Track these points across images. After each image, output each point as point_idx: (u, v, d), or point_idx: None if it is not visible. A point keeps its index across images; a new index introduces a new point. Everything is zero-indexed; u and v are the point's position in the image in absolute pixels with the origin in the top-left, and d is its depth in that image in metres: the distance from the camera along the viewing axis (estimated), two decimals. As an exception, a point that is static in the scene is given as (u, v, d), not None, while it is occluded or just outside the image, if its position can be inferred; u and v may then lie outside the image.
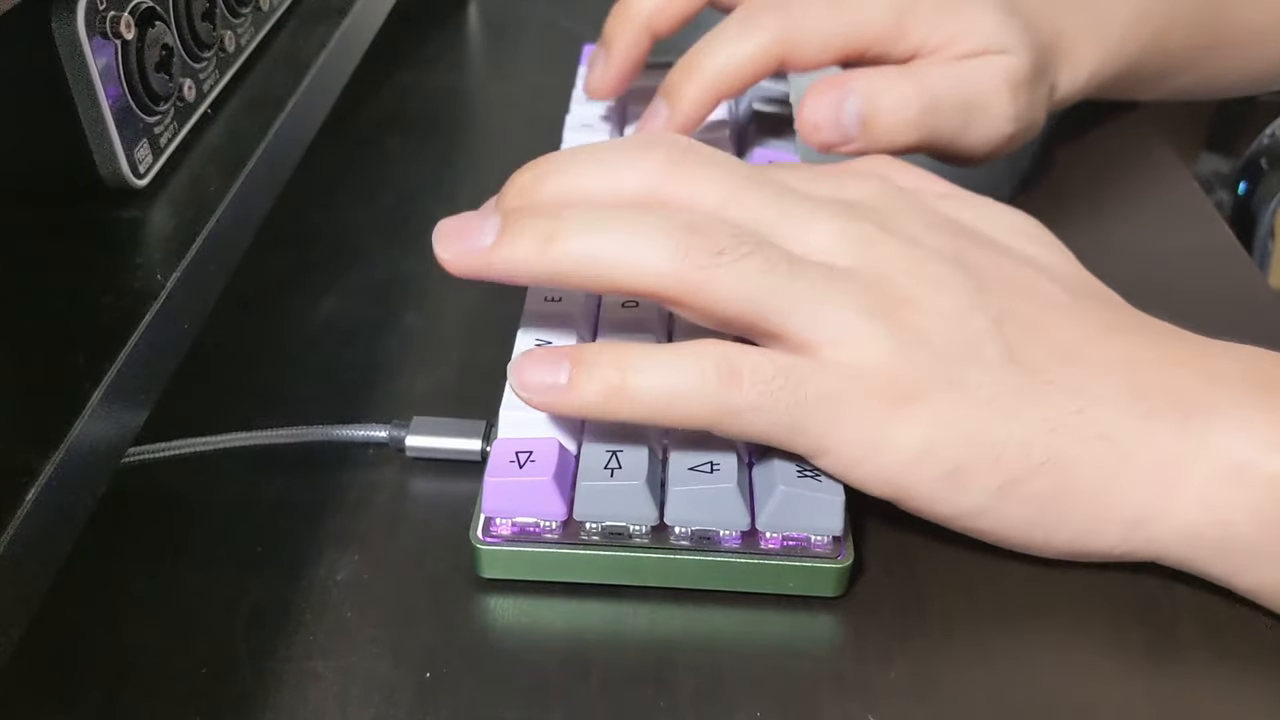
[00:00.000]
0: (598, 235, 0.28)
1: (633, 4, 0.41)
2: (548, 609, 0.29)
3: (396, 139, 0.50)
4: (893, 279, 0.29)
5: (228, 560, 0.31)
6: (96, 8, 0.27)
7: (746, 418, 0.27)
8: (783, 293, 0.28)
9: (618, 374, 0.28)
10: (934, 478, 0.28)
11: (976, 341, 0.28)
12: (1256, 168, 0.67)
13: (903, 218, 0.31)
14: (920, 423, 0.28)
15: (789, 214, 0.30)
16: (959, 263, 0.30)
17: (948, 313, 0.29)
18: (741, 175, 0.30)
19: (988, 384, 0.28)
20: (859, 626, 0.29)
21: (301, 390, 0.36)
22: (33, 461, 0.22)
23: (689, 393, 0.27)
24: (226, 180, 0.31)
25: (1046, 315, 0.30)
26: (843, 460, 0.28)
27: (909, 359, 0.28)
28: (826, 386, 0.28)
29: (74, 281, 0.27)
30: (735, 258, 0.28)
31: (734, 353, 0.28)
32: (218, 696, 0.27)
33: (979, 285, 0.29)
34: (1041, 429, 0.28)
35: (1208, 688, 0.28)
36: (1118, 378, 0.29)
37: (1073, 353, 0.29)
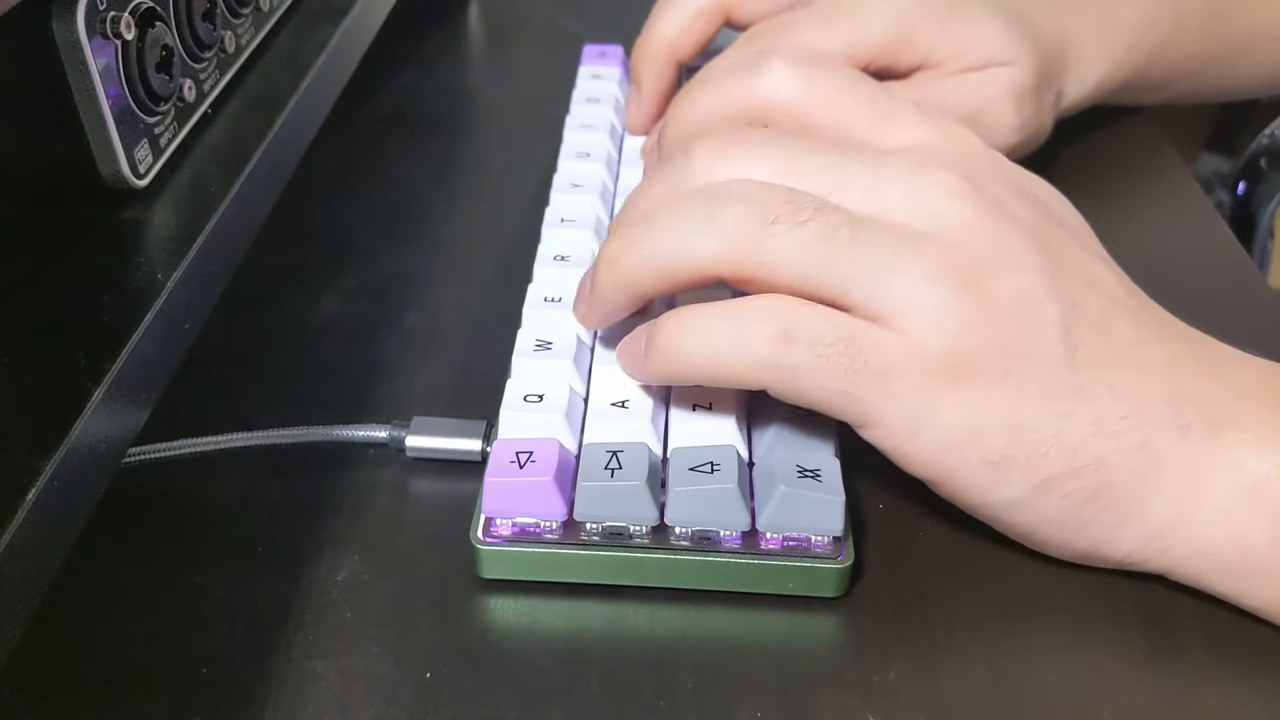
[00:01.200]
0: (652, 237, 0.28)
1: (653, 38, 0.42)
2: (548, 609, 0.29)
3: (396, 139, 0.50)
4: (971, 245, 0.28)
5: (228, 560, 0.31)
6: (97, 8, 0.27)
7: (801, 379, 0.27)
8: (843, 261, 0.27)
9: (677, 335, 0.28)
10: (978, 465, 0.27)
11: (1043, 330, 0.27)
12: (1256, 168, 0.67)
13: (989, 175, 0.30)
14: (973, 408, 0.27)
15: (861, 172, 0.29)
16: (1039, 239, 0.29)
17: (1021, 293, 0.27)
18: (795, 146, 0.29)
19: (1045, 379, 0.27)
20: (859, 626, 0.29)
21: (301, 390, 0.36)
22: (33, 461, 0.22)
23: (743, 353, 0.27)
24: (227, 180, 0.31)
25: (1109, 310, 0.29)
26: (891, 435, 0.28)
27: (973, 339, 0.27)
28: (885, 357, 0.27)
29: (74, 281, 0.27)
30: (790, 225, 0.27)
31: (793, 312, 0.27)
32: (218, 696, 0.27)
33: (1054, 267, 0.28)
34: (1090, 431, 0.27)
35: (1209, 688, 0.28)
36: (1162, 386, 0.28)
37: (1127, 354, 0.28)
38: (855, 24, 0.39)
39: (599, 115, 0.44)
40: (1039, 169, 0.42)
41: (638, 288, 0.29)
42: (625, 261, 0.29)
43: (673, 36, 0.42)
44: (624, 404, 0.31)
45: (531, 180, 0.46)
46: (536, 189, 0.44)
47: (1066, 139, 0.48)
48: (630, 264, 0.29)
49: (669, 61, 0.42)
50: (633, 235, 0.29)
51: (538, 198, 0.41)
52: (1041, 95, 0.41)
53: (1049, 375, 0.27)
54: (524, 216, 0.44)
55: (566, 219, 0.38)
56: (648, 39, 0.42)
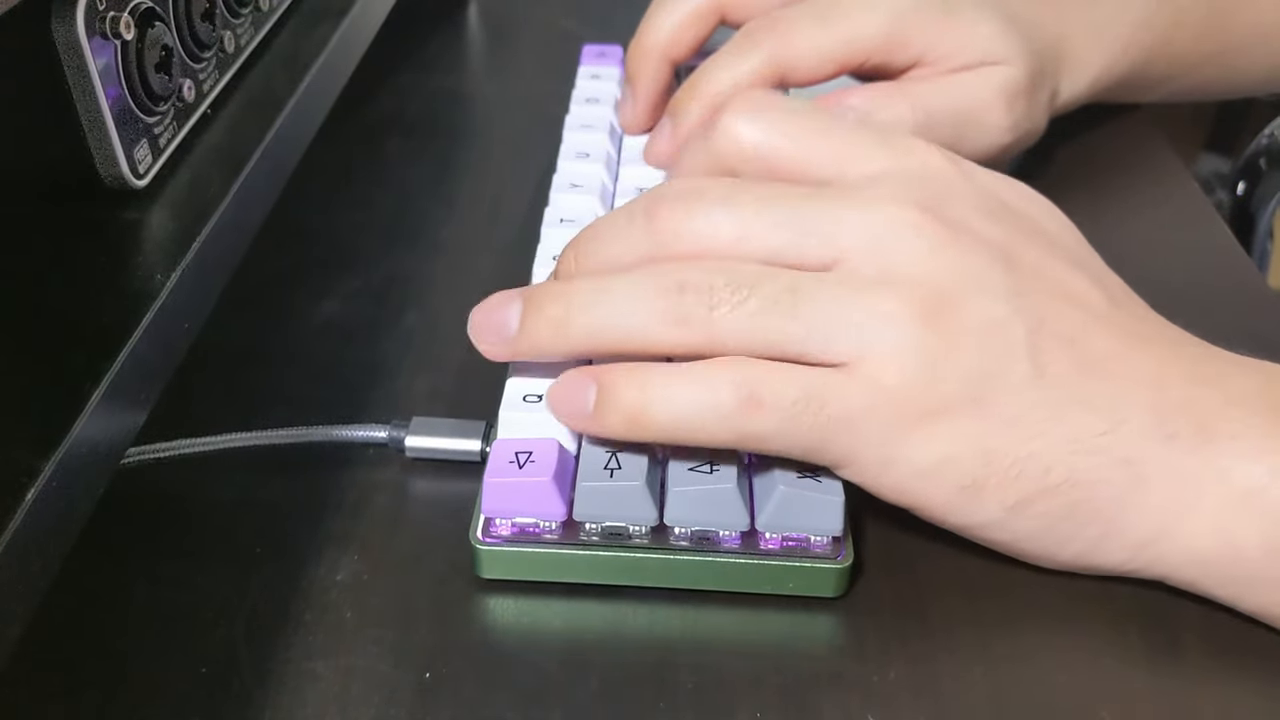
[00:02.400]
0: (599, 311, 0.29)
1: (647, 38, 0.42)
2: (548, 609, 0.29)
3: (396, 139, 0.50)
4: (932, 276, 0.28)
5: (228, 560, 0.31)
6: (96, 8, 0.27)
7: (769, 441, 0.27)
8: (790, 325, 0.27)
9: (639, 400, 0.28)
10: (950, 491, 0.28)
11: (1010, 353, 0.27)
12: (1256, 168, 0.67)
13: (955, 196, 0.30)
14: (942, 438, 0.27)
15: (810, 227, 0.29)
16: (1006, 257, 0.29)
17: (985, 317, 0.28)
18: (752, 203, 0.29)
19: (1014, 403, 0.27)
20: (859, 626, 0.29)
21: (301, 390, 0.36)
22: (33, 461, 0.22)
23: (708, 419, 0.27)
24: (226, 180, 0.31)
25: (1083, 324, 0.29)
26: (863, 472, 0.28)
27: (936, 373, 0.27)
28: (850, 406, 0.27)
29: (74, 281, 0.27)
30: (731, 306, 0.27)
31: (755, 376, 0.27)
32: (218, 696, 0.27)
33: (1021, 285, 0.28)
34: (1064, 449, 0.27)
35: (1208, 689, 0.28)
36: (1144, 396, 0.28)
37: (1103, 366, 0.28)
38: (850, 23, 0.39)
39: (598, 115, 0.44)
40: (1039, 170, 0.42)
41: (576, 351, 0.30)
42: (572, 329, 0.29)
43: (668, 37, 0.42)
44: (624, 404, 0.31)
45: (531, 180, 0.46)
46: (536, 189, 0.44)
47: (1066, 139, 0.48)
48: (577, 332, 0.29)
49: (664, 62, 0.42)
50: (582, 304, 0.29)
51: (537, 198, 0.41)
52: (1035, 94, 0.41)
53: (1018, 398, 0.27)
54: (524, 217, 0.44)
55: (566, 219, 0.38)
56: (642, 39, 0.42)
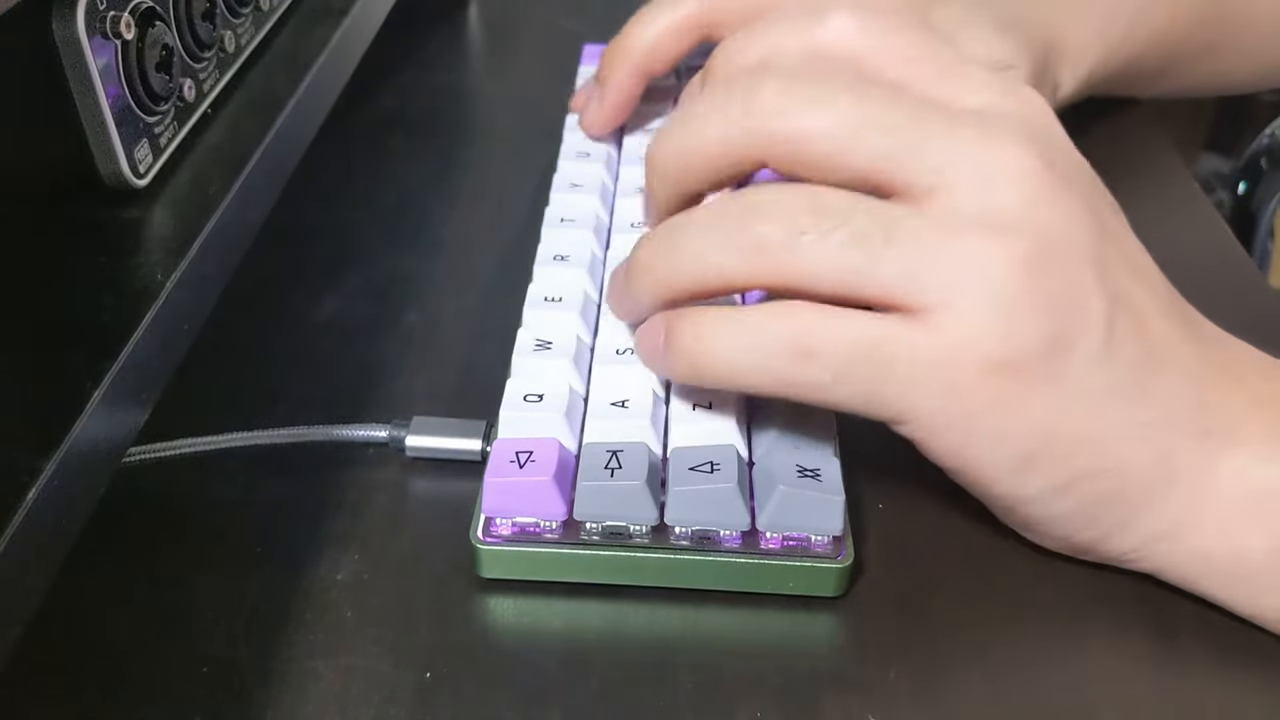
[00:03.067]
0: (677, 251, 0.28)
1: (627, 45, 0.41)
2: (548, 609, 0.29)
3: (396, 139, 0.50)
4: (1033, 225, 0.26)
5: (228, 560, 0.31)
6: (96, 8, 0.27)
7: (825, 392, 0.27)
8: (875, 266, 0.26)
9: (695, 345, 0.28)
10: (1003, 460, 0.27)
11: (1087, 325, 0.26)
12: (1256, 168, 0.67)
13: (1057, 147, 0.28)
14: (1008, 403, 0.26)
15: (923, 146, 0.27)
16: (1100, 223, 0.27)
17: (1072, 283, 0.26)
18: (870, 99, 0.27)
19: (1083, 378, 0.27)
20: (859, 626, 0.29)
21: (301, 390, 0.36)
22: (33, 461, 0.22)
23: (759, 369, 0.27)
24: (226, 180, 0.31)
25: (1151, 305, 0.28)
26: (920, 429, 0.27)
27: (1015, 333, 0.26)
28: (912, 360, 0.26)
29: (74, 281, 0.27)
30: (817, 236, 0.26)
31: (809, 325, 0.26)
32: (218, 696, 0.27)
33: (1107, 254, 0.27)
34: (1117, 435, 0.27)
35: (1208, 688, 0.28)
36: (1186, 391, 0.28)
37: (1161, 354, 0.28)
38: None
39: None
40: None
41: (671, 296, 0.29)
42: (657, 273, 0.29)
43: (647, 47, 0.41)
44: (624, 404, 0.31)
45: (531, 180, 0.46)
46: (536, 189, 0.44)
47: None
48: (662, 276, 0.29)
49: (638, 72, 0.41)
50: (662, 246, 0.29)
51: (538, 198, 0.41)
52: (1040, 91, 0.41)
53: (1086, 375, 0.27)
54: (524, 216, 0.44)
55: (566, 219, 0.38)
56: (621, 45, 0.41)
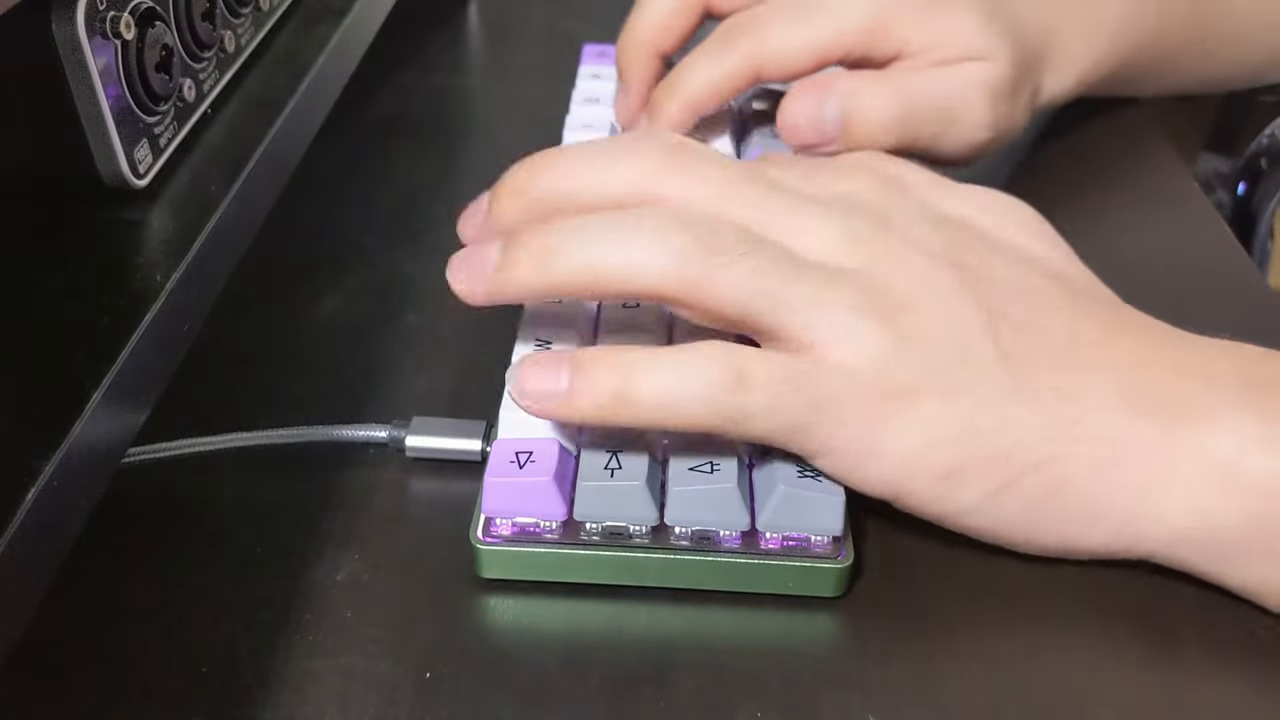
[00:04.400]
0: (593, 244, 0.28)
1: (635, 33, 0.42)
2: (548, 609, 0.29)
3: (396, 139, 0.50)
4: (887, 279, 0.29)
5: (228, 560, 0.31)
6: (96, 8, 0.27)
7: (753, 423, 0.27)
8: (784, 293, 0.28)
9: (620, 380, 0.27)
10: (930, 479, 0.28)
11: (970, 343, 0.28)
12: (1256, 168, 0.67)
13: (896, 214, 0.31)
14: (916, 425, 0.28)
15: (782, 212, 0.30)
16: (953, 261, 0.30)
17: (942, 314, 0.29)
18: (734, 171, 0.30)
19: (982, 386, 0.28)
20: (859, 626, 0.29)
21: (301, 390, 0.36)
22: (33, 461, 0.22)
23: (695, 398, 0.27)
24: (226, 180, 0.31)
25: (1041, 314, 0.30)
26: (842, 462, 0.28)
27: (904, 361, 0.28)
28: (829, 388, 0.28)
29: (74, 281, 0.27)
30: (734, 257, 0.28)
31: (741, 357, 0.27)
32: (218, 696, 0.27)
33: (974, 286, 0.29)
34: (1036, 431, 0.28)
35: (1207, 688, 0.28)
36: (1112, 379, 0.29)
37: (1067, 353, 0.29)
38: (828, 18, 0.39)
39: (599, 115, 0.44)
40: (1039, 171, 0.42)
41: (566, 290, 0.29)
42: (562, 264, 0.28)
43: (655, 31, 0.42)
44: (624, 404, 0.31)
45: (531, 180, 0.45)
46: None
47: (1066, 139, 0.48)
48: (567, 268, 0.28)
49: (652, 56, 0.42)
50: (572, 238, 0.28)
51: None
52: (1017, 93, 0.41)
53: (987, 382, 0.28)
54: (524, 216, 0.44)
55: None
56: (630, 34, 0.42)
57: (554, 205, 0.30)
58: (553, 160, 0.31)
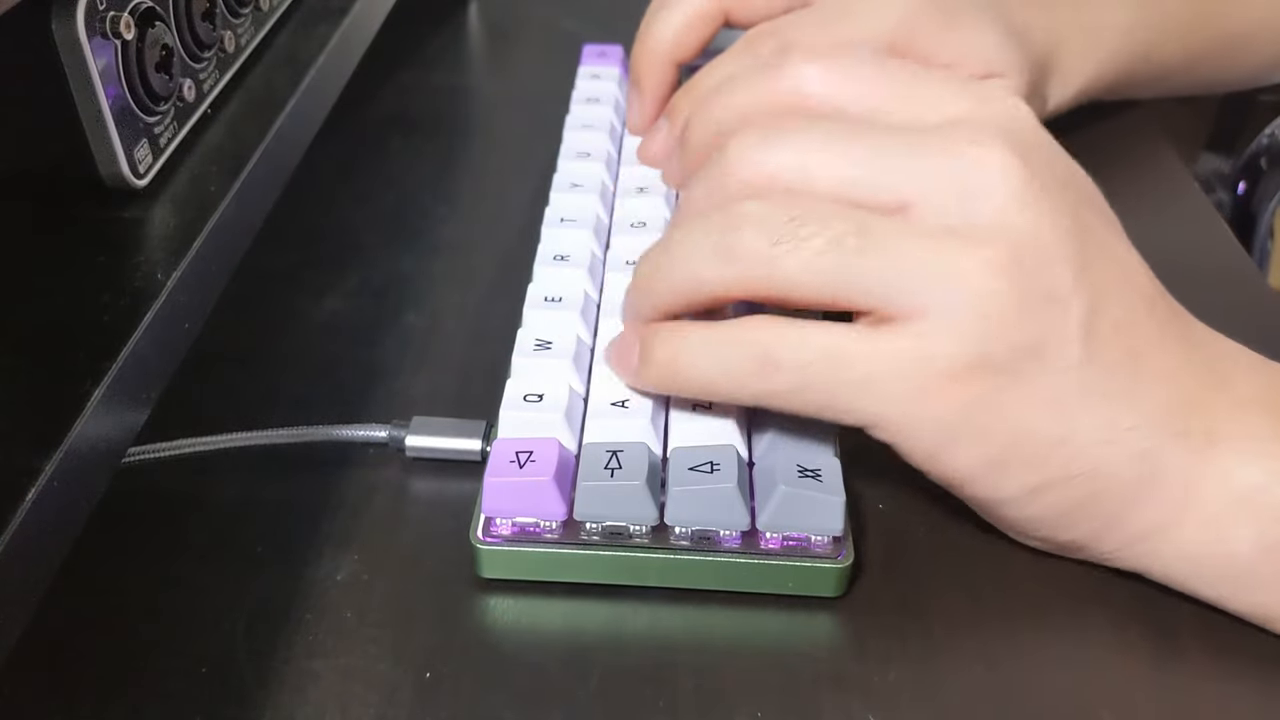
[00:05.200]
0: (663, 263, 0.30)
1: (652, 39, 0.42)
2: (548, 609, 0.29)
3: (396, 139, 0.50)
4: (1010, 227, 0.27)
5: (228, 560, 0.31)
6: (96, 8, 0.27)
7: (792, 399, 0.28)
8: (852, 270, 0.27)
9: (670, 356, 0.29)
10: (977, 464, 0.27)
11: (1064, 332, 0.27)
12: (1256, 168, 0.67)
13: (1036, 150, 0.28)
14: (979, 407, 0.27)
15: (888, 164, 0.28)
16: (1081, 225, 0.28)
17: (1049, 288, 0.27)
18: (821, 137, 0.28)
19: (1056, 384, 0.27)
20: (859, 626, 0.29)
21: (301, 390, 0.36)
22: (33, 461, 0.22)
23: (729, 378, 0.28)
24: (226, 180, 0.31)
25: (1133, 310, 0.28)
26: (893, 432, 0.27)
27: (988, 342, 0.26)
28: (876, 366, 0.27)
29: (74, 281, 0.27)
30: (794, 244, 0.27)
31: (772, 337, 0.27)
32: (218, 696, 0.27)
33: (1087, 258, 0.27)
34: (1093, 439, 0.27)
35: (1208, 688, 0.28)
36: (1168, 392, 0.28)
37: (1143, 359, 0.28)
38: (853, 31, 0.39)
39: (599, 115, 0.44)
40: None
41: (670, 310, 0.30)
42: (652, 290, 0.30)
43: (673, 38, 0.42)
44: (624, 404, 0.31)
45: (531, 180, 0.46)
46: (536, 189, 0.44)
47: (1066, 139, 0.48)
48: (658, 292, 0.30)
49: (669, 63, 0.42)
50: (654, 261, 0.30)
51: (538, 198, 0.41)
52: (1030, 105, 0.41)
53: (1062, 379, 0.27)
54: (524, 216, 0.44)
55: (566, 219, 0.38)
56: (647, 40, 0.42)
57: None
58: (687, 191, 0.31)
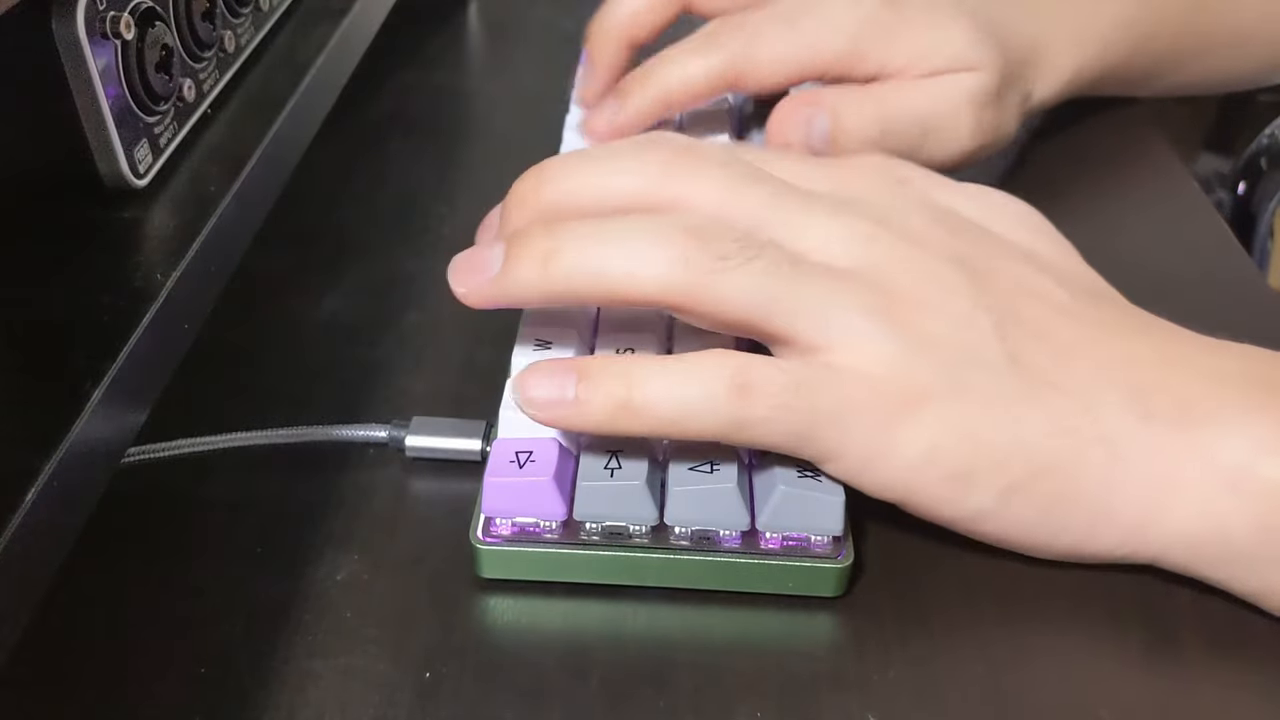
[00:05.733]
0: (596, 248, 0.28)
1: (609, 17, 0.43)
2: (548, 609, 0.29)
3: (396, 139, 0.50)
4: (895, 279, 0.29)
5: (228, 560, 0.31)
6: (96, 8, 0.27)
7: (757, 430, 0.27)
8: (788, 296, 0.28)
9: (624, 389, 0.27)
10: (939, 481, 0.28)
11: (980, 344, 0.28)
12: (1256, 168, 0.67)
13: (903, 213, 0.31)
14: (925, 427, 0.28)
15: (789, 212, 0.29)
16: (961, 261, 0.30)
17: (951, 314, 0.28)
18: (739, 173, 0.30)
19: (991, 387, 0.28)
20: (859, 626, 0.29)
21: (301, 390, 0.36)
22: (33, 461, 0.22)
23: (699, 407, 0.27)
24: (226, 180, 0.31)
25: (1048, 315, 0.29)
26: (851, 466, 0.28)
27: (914, 363, 0.28)
28: (835, 394, 0.27)
29: (74, 281, 0.27)
30: (740, 261, 0.27)
31: (744, 364, 0.27)
32: (218, 696, 0.27)
33: (981, 285, 0.29)
34: (1045, 432, 0.28)
35: (1208, 688, 0.28)
36: (1119, 378, 0.28)
37: (1074, 354, 0.29)
38: (815, 31, 0.39)
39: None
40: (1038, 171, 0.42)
41: (568, 295, 0.29)
42: (563, 266, 0.28)
43: (629, 19, 0.43)
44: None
45: (531, 180, 0.45)
46: (536, 189, 0.44)
47: (1066, 139, 0.48)
48: (568, 271, 0.28)
49: (624, 43, 0.43)
50: (574, 241, 0.28)
51: (537, 198, 0.41)
52: (1004, 100, 0.41)
53: (996, 383, 0.28)
54: (524, 216, 0.44)
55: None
56: (604, 19, 0.43)
57: (560, 211, 0.30)
58: (558, 167, 0.31)
